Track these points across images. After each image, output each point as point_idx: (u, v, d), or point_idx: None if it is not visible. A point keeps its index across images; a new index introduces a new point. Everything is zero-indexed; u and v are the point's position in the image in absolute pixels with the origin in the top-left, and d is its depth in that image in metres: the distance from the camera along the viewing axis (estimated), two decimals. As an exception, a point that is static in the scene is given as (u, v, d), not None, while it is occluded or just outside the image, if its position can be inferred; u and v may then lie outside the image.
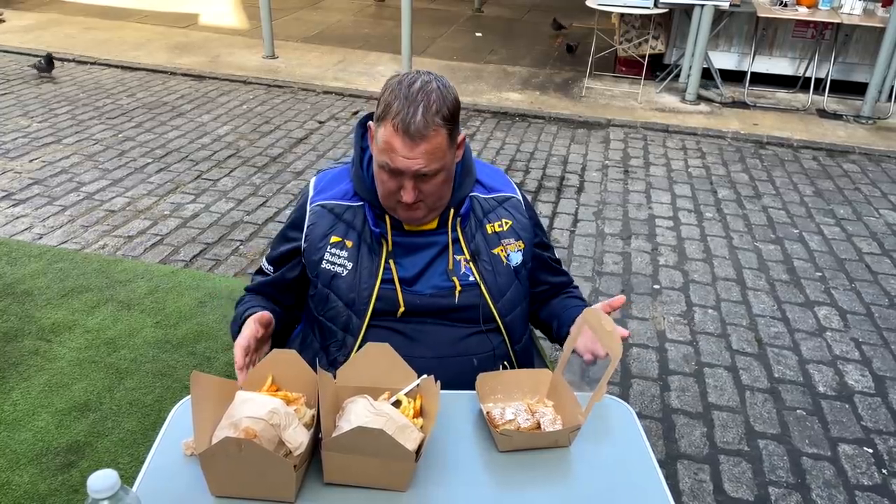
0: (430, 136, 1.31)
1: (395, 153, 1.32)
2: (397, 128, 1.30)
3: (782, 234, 3.99)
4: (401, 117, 1.29)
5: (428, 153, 1.32)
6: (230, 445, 1.06)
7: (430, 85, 1.33)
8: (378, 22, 8.76)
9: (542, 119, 5.71)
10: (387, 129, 1.32)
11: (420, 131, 1.30)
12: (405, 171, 1.34)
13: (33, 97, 5.56)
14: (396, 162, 1.32)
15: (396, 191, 1.38)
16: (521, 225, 1.56)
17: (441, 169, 1.37)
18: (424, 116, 1.30)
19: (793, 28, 6.21)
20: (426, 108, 1.30)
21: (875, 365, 2.91)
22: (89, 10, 8.32)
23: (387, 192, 1.40)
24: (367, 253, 1.46)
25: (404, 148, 1.31)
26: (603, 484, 1.20)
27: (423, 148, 1.31)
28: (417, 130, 1.29)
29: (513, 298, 1.51)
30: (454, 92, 1.37)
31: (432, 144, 1.32)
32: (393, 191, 1.38)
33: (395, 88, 1.33)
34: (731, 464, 2.38)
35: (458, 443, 1.26)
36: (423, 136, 1.30)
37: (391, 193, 1.39)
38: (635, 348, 2.95)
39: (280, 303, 1.58)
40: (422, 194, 1.38)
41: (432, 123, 1.31)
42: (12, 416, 2.39)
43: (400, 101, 1.31)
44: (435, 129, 1.31)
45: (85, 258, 3.38)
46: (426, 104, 1.30)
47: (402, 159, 1.32)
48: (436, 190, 1.39)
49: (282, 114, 5.54)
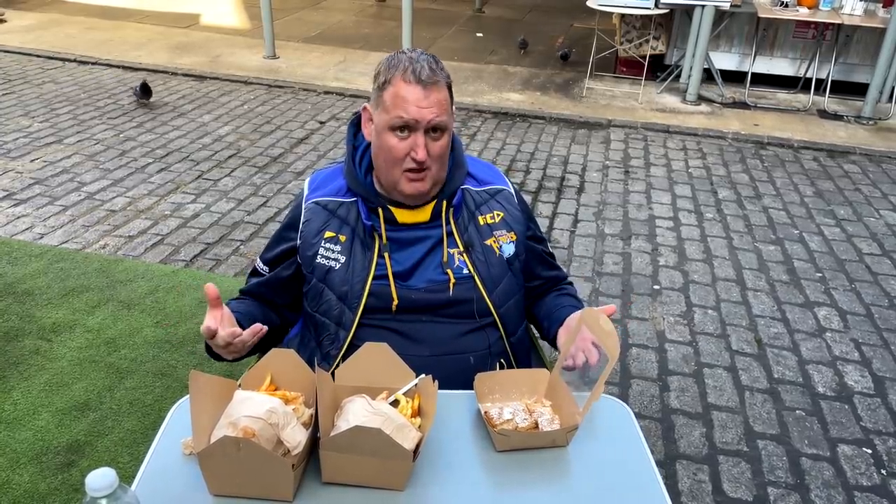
0: (440, 86, 1.39)
1: (409, 103, 1.37)
2: (408, 80, 1.37)
3: (782, 234, 4.00)
4: (411, 69, 1.37)
5: (439, 103, 1.39)
6: (229, 444, 1.06)
7: (424, 53, 1.44)
8: (379, 22, 8.76)
9: (543, 119, 5.72)
10: (397, 85, 1.38)
11: (431, 77, 1.38)
12: (419, 122, 1.38)
13: (34, 97, 5.56)
14: (411, 112, 1.37)
15: (405, 154, 1.40)
16: (513, 217, 1.57)
17: (448, 126, 1.43)
18: (431, 67, 1.39)
19: (793, 29, 6.21)
20: (430, 62, 1.40)
21: (875, 366, 2.92)
22: (90, 10, 8.33)
23: (395, 159, 1.42)
24: (360, 247, 1.48)
25: (418, 96, 1.37)
26: (600, 484, 1.20)
27: (435, 96, 1.38)
28: (429, 77, 1.37)
29: (507, 290, 1.52)
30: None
31: (442, 94, 1.40)
32: (402, 155, 1.41)
33: (393, 58, 1.42)
34: (731, 464, 2.38)
35: (456, 442, 1.26)
36: (434, 82, 1.38)
37: (399, 160, 1.41)
38: (635, 349, 2.95)
39: (275, 303, 1.58)
40: (430, 157, 1.41)
41: (439, 74, 1.40)
42: (13, 415, 2.40)
43: (404, 62, 1.39)
44: (441, 82, 1.40)
45: (86, 258, 3.38)
46: (428, 61, 1.40)
47: (416, 109, 1.37)
48: (441, 152, 1.43)
49: (283, 114, 5.55)
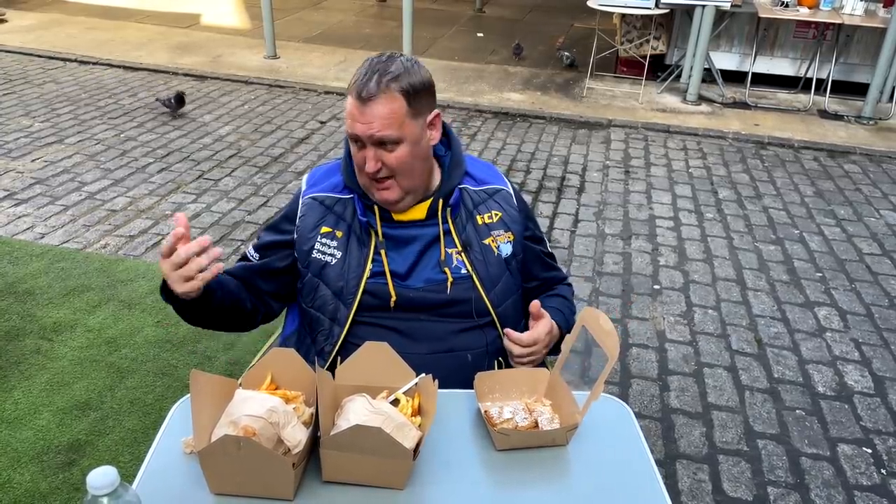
0: (382, 100, 1.35)
1: (354, 119, 1.37)
2: (353, 93, 1.37)
3: (783, 234, 4.00)
4: (357, 83, 1.37)
5: (381, 118, 1.35)
6: (229, 443, 1.07)
7: (398, 59, 1.39)
8: (379, 22, 8.77)
9: (544, 119, 5.72)
10: (349, 98, 1.38)
11: (371, 93, 1.35)
12: (361, 136, 1.38)
13: (35, 97, 5.57)
14: (354, 128, 1.38)
15: (363, 164, 1.41)
16: (511, 217, 1.57)
17: (400, 139, 1.38)
18: (378, 81, 1.35)
19: (794, 29, 6.20)
20: (381, 74, 1.36)
21: (875, 365, 2.92)
22: (91, 10, 8.33)
23: (357, 168, 1.44)
24: (356, 243, 1.48)
25: (358, 112, 1.36)
26: (600, 483, 1.21)
27: (374, 111, 1.35)
28: (368, 93, 1.35)
29: (505, 289, 1.53)
30: (425, 73, 1.42)
31: (386, 108, 1.35)
32: (360, 165, 1.42)
33: (365, 62, 1.40)
34: (731, 464, 2.39)
35: (456, 441, 1.26)
36: (374, 97, 1.35)
37: (360, 168, 1.43)
38: (635, 348, 2.95)
39: (257, 289, 1.55)
40: (385, 168, 1.40)
41: (385, 88, 1.35)
42: (14, 414, 2.40)
43: (360, 73, 1.38)
44: (387, 94, 1.35)
45: (86, 257, 3.39)
46: (382, 72, 1.36)
47: (357, 125, 1.37)
48: (399, 164, 1.40)
49: (283, 114, 5.55)
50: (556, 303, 1.62)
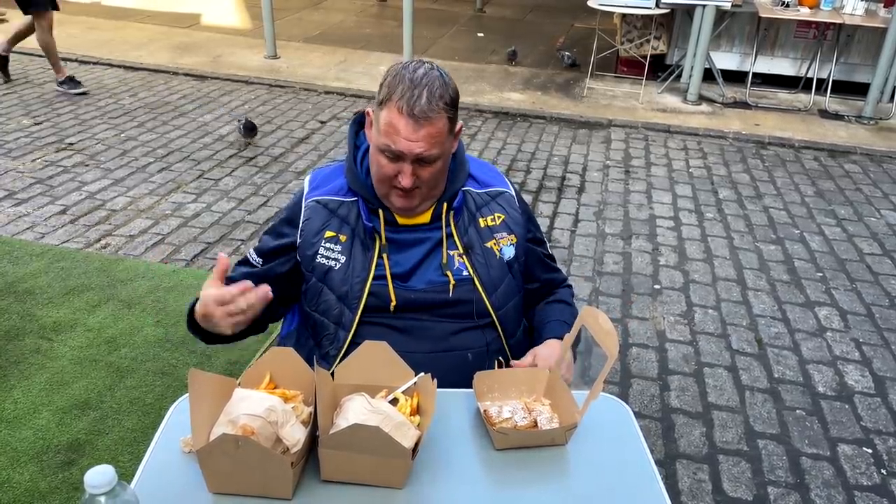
0: (434, 120, 1.34)
1: (398, 135, 1.34)
2: (402, 110, 1.32)
3: (783, 234, 3.99)
4: (406, 99, 1.32)
5: (430, 137, 1.34)
6: (228, 442, 1.06)
7: (433, 72, 1.37)
8: (380, 22, 8.76)
9: (544, 119, 5.72)
10: (391, 111, 1.34)
11: (425, 113, 1.32)
12: (406, 154, 1.35)
13: (36, 97, 5.57)
14: (399, 144, 1.34)
15: (394, 176, 1.39)
16: (514, 219, 1.57)
17: (440, 156, 1.39)
18: (429, 100, 1.33)
19: (794, 28, 6.20)
20: (430, 92, 1.33)
21: (875, 365, 2.91)
22: (91, 10, 8.34)
23: (384, 177, 1.41)
24: (359, 247, 1.47)
25: (408, 130, 1.33)
26: (599, 482, 1.20)
27: (425, 131, 1.33)
28: (422, 112, 1.32)
29: (506, 292, 1.52)
30: (453, 82, 1.41)
31: (435, 128, 1.34)
32: (390, 175, 1.39)
33: (399, 73, 1.36)
34: (731, 463, 2.38)
35: (455, 440, 1.26)
36: (428, 118, 1.33)
37: (388, 179, 1.40)
38: (635, 348, 2.95)
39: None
40: (419, 180, 1.39)
41: (437, 107, 1.34)
42: (13, 413, 2.40)
43: (405, 84, 1.33)
44: (438, 114, 1.34)
45: (86, 257, 3.39)
46: (430, 88, 1.33)
47: (404, 141, 1.34)
48: (432, 177, 1.41)
49: (283, 114, 5.55)
50: (558, 311, 1.62)
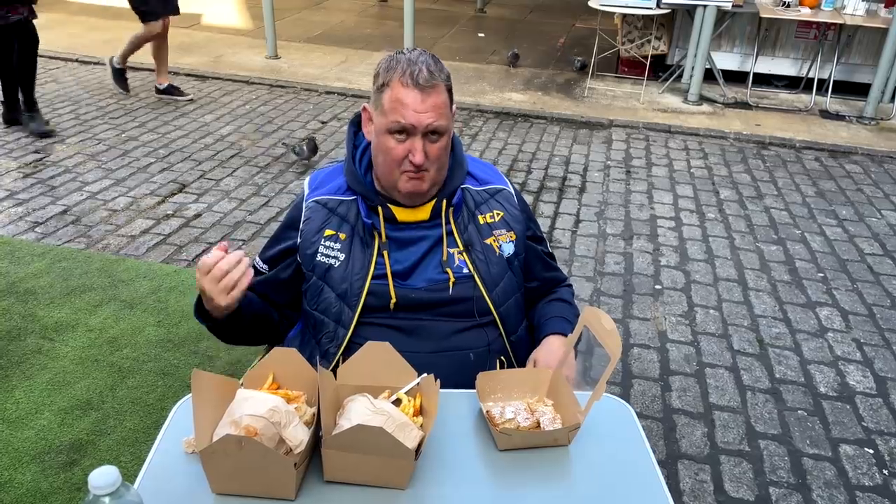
0: (438, 89, 1.39)
1: (407, 108, 1.37)
2: (406, 83, 1.37)
3: (784, 234, 3.99)
4: (409, 73, 1.37)
5: (436, 107, 1.38)
6: (230, 443, 1.06)
7: (424, 53, 1.43)
8: (381, 22, 8.77)
9: (545, 119, 5.71)
10: (395, 89, 1.37)
11: (429, 81, 1.37)
12: (416, 127, 1.38)
13: (37, 97, 5.56)
14: (409, 117, 1.37)
15: (404, 156, 1.40)
16: (513, 216, 1.58)
17: (447, 129, 1.42)
18: (430, 71, 1.38)
19: (795, 29, 6.20)
20: (428, 65, 1.39)
21: (876, 366, 2.91)
22: (93, 10, 8.33)
23: (393, 161, 1.42)
24: (359, 245, 1.48)
25: (416, 101, 1.37)
26: (602, 483, 1.20)
27: (432, 101, 1.38)
28: (427, 81, 1.37)
29: (506, 289, 1.53)
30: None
31: (440, 98, 1.39)
32: (400, 157, 1.41)
33: (393, 57, 1.42)
34: (732, 464, 2.38)
35: (458, 441, 1.26)
36: (433, 86, 1.38)
37: (397, 161, 1.41)
38: (636, 348, 2.95)
39: (274, 302, 1.58)
40: (428, 160, 1.41)
41: (438, 77, 1.39)
42: (15, 414, 2.40)
43: (402, 64, 1.39)
44: (439, 85, 1.39)
45: (88, 257, 3.39)
46: (427, 63, 1.40)
47: (413, 114, 1.37)
48: (439, 154, 1.43)
49: (284, 114, 5.55)
50: (558, 308, 1.63)
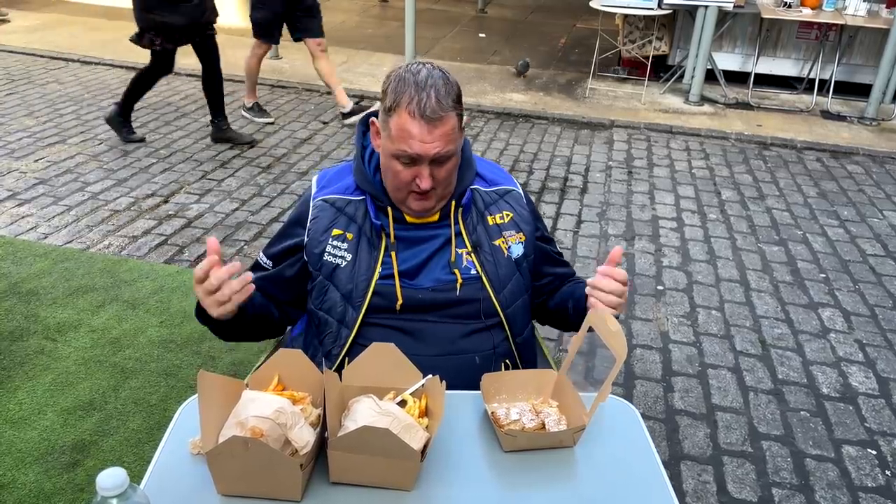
0: (446, 119, 1.36)
1: (413, 139, 1.35)
2: (413, 114, 1.34)
3: (786, 235, 3.99)
4: (415, 103, 1.33)
5: (444, 136, 1.36)
6: (237, 444, 1.06)
7: (435, 72, 1.39)
8: (382, 23, 8.77)
9: (546, 120, 5.71)
10: (401, 117, 1.35)
11: (436, 113, 1.34)
12: (423, 157, 1.36)
13: (38, 97, 5.57)
14: (415, 147, 1.35)
15: (411, 180, 1.40)
16: (522, 217, 1.57)
17: (454, 153, 1.41)
18: (438, 100, 1.34)
19: (797, 29, 6.20)
20: (437, 91, 1.35)
21: (879, 366, 2.91)
22: (93, 11, 8.33)
23: (400, 184, 1.41)
24: (366, 245, 1.48)
25: (422, 133, 1.34)
26: (607, 484, 1.20)
27: (439, 131, 1.35)
28: (434, 112, 1.34)
29: (514, 290, 1.52)
30: (454, 78, 1.43)
31: (448, 126, 1.36)
32: (407, 181, 1.40)
33: (402, 78, 1.37)
34: (735, 465, 2.38)
35: (463, 443, 1.26)
36: (440, 118, 1.34)
37: (405, 184, 1.41)
38: (639, 349, 2.95)
39: (276, 299, 1.57)
40: (435, 181, 1.40)
41: (446, 106, 1.35)
42: (18, 414, 2.40)
43: (411, 88, 1.34)
44: (448, 113, 1.36)
45: (90, 258, 3.39)
46: (437, 89, 1.35)
47: (419, 144, 1.35)
48: (448, 175, 1.43)
49: (286, 114, 5.55)
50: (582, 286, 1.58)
